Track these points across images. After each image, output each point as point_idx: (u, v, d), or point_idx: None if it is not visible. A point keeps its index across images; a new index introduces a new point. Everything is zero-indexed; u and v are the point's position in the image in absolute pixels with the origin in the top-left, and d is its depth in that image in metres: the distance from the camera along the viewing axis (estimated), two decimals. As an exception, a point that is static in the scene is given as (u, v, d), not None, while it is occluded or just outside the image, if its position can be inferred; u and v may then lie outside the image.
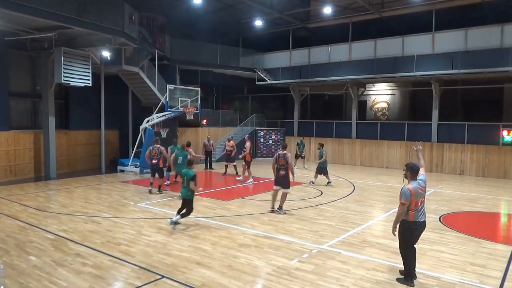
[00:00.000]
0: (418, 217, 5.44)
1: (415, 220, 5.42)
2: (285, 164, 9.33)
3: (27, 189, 12.60)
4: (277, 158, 9.48)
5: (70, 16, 12.02)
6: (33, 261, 6.14)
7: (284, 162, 9.34)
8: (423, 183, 5.52)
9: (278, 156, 9.46)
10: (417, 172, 5.44)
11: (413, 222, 5.42)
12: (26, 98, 15.73)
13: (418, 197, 5.37)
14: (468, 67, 16.77)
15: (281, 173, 9.35)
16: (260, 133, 23.55)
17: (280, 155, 9.45)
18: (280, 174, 9.37)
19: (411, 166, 5.50)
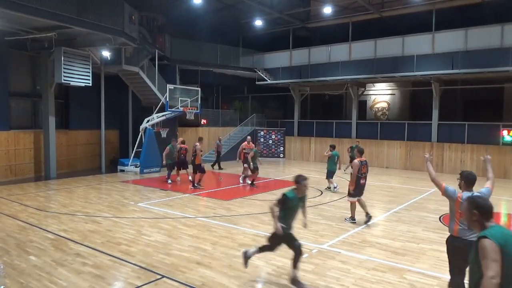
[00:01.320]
0: (464, 234, 4.32)
1: (459, 236, 4.38)
2: (366, 173, 8.66)
3: (27, 189, 12.60)
4: (360, 165, 8.45)
5: (70, 16, 12.02)
6: (33, 261, 6.14)
7: (365, 170, 8.63)
8: None
9: (362, 164, 8.48)
10: (473, 182, 4.44)
11: (456, 238, 4.42)
12: (26, 98, 15.73)
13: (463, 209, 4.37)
14: (468, 67, 16.77)
15: (362, 182, 8.57)
16: (260, 133, 23.56)
17: (363, 163, 8.53)
18: (361, 183, 8.56)
19: (466, 175, 4.51)
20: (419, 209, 10.28)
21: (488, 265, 2.54)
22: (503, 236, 2.67)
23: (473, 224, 2.90)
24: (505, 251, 2.59)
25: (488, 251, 2.57)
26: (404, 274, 5.78)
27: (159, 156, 16.84)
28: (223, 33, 23.52)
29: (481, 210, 2.85)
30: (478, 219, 2.85)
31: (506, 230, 2.82)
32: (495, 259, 2.55)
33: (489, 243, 2.59)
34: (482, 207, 2.86)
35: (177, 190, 12.65)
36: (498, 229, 2.76)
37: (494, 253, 2.56)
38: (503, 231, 2.74)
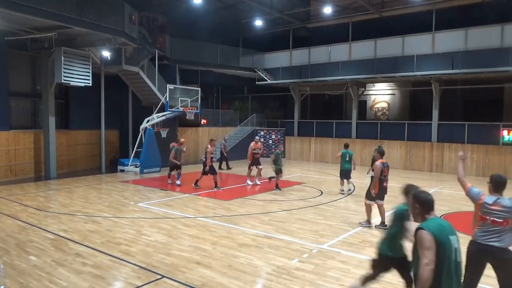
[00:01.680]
0: (483, 238, 4.09)
1: (474, 240, 4.17)
2: (388, 175, 8.31)
3: (27, 189, 12.60)
4: (383, 168, 8.12)
5: (70, 16, 12.03)
6: (33, 261, 6.14)
7: (387, 173, 8.26)
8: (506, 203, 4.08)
9: (383, 166, 8.15)
10: (502, 185, 4.13)
11: (471, 242, 4.23)
12: (26, 98, 15.73)
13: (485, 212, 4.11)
14: (468, 67, 16.77)
15: (385, 185, 8.25)
16: (260, 133, 23.56)
17: (385, 165, 8.19)
18: (384, 186, 8.23)
19: (495, 178, 4.21)
20: (419, 209, 10.25)
21: (423, 253, 2.80)
22: (438, 227, 2.92)
23: (416, 217, 3.11)
24: (438, 241, 2.84)
25: (423, 240, 2.82)
26: (404, 274, 5.77)
27: (159, 156, 16.86)
28: (223, 33, 23.52)
29: (422, 204, 3.07)
30: (419, 212, 3.07)
31: (442, 221, 3.07)
32: (429, 248, 2.80)
33: (424, 233, 2.85)
34: (423, 201, 3.08)
35: (177, 190, 12.65)
36: (436, 220, 3.02)
37: (429, 242, 2.81)
38: (439, 223, 3.00)
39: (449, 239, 2.91)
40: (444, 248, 2.85)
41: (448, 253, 2.87)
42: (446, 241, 2.88)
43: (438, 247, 2.83)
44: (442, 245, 2.85)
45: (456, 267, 2.91)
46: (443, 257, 2.84)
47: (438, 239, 2.84)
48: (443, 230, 2.91)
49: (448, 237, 2.92)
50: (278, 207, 10.31)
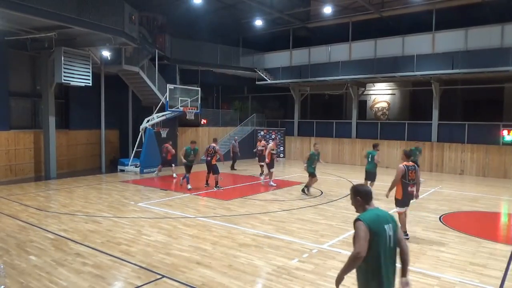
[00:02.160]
0: None
1: None
2: (415, 179, 7.49)
3: (27, 188, 12.60)
4: (406, 171, 7.38)
5: (70, 15, 12.03)
6: (34, 261, 6.14)
7: (414, 176, 7.48)
8: None
9: (407, 169, 7.40)
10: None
11: None
12: (26, 97, 15.73)
13: None
14: (468, 66, 16.77)
15: (410, 189, 7.43)
16: (260, 133, 23.55)
17: (410, 168, 7.44)
18: (409, 191, 7.44)
19: None
20: (419, 209, 10.27)
21: (357, 242, 3.01)
22: (375, 217, 3.14)
23: (358, 208, 3.32)
24: (374, 230, 3.04)
25: (358, 230, 3.04)
26: (404, 274, 5.77)
27: (159, 156, 16.86)
28: (223, 33, 23.52)
29: (362, 196, 3.29)
30: (361, 203, 3.29)
31: (379, 211, 3.25)
32: (363, 237, 3.00)
33: (359, 224, 3.06)
34: (363, 193, 3.30)
35: (177, 190, 12.65)
36: (373, 211, 3.23)
37: (363, 232, 3.01)
38: (376, 213, 3.21)
39: (384, 228, 3.12)
40: (380, 237, 3.06)
41: (384, 240, 3.08)
42: (382, 230, 3.09)
43: (374, 236, 3.03)
44: (378, 234, 3.06)
45: (391, 252, 3.15)
46: (379, 244, 3.05)
47: (373, 229, 3.04)
48: (378, 220, 3.13)
49: (383, 226, 3.12)
50: (278, 207, 10.31)
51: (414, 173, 7.45)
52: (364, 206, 3.28)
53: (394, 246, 3.18)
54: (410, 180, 7.41)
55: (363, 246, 2.99)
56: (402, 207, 7.53)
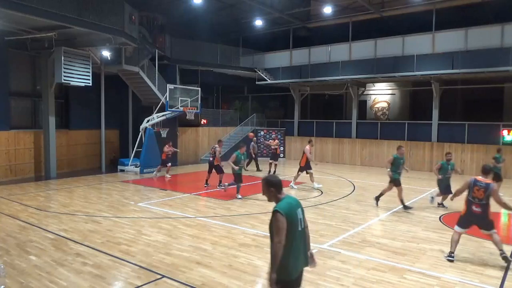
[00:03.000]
0: None
1: None
2: (484, 200, 6.18)
3: (27, 188, 12.60)
4: (471, 185, 6.31)
5: (70, 15, 12.03)
6: (34, 261, 6.14)
7: (481, 195, 6.19)
8: None
9: (474, 184, 6.28)
10: None
11: None
12: (26, 97, 15.73)
13: None
14: (468, 66, 16.76)
15: (475, 209, 6.28)
16: (260, 133, 23.55)
17: (479, 184, 6.24)
18: (473, 211, 6.30)
19: None
20: (419, 209, 10.28)
21: (276, 233, 3.36)
22: (288, 206, 3.48)
23: (272, 198, 3.60)
24: (289, 218, 3.41)
25: (278, 222, 3.36)
26: (404, 274, 5.78)
27: (159, 156, 16.85)
28: (223, 33, 23.53)
29: (274, 186, 3.57)
30: (274, 194, 3.57)
31: (290, 199, 3.59)
32: (282, 228, 3.35)
33: (279, 216, 3.37)
34: (275, 183, 3.58)
35: (178, 190, 12.65)
36: (285, 199, 3.55)
37: (281, 223, 3.35)
38: (288, 201, 3.54)
39: (296, 213, 3.53)
40: (293, 221, 3.46)
41: (295, 225, 3.50)
42: (294, 215, 3.50)
43: (289, 223, 3.41)
44: (292, 220, 3.45)
45: (302, 233, 3.60)
46: (293, 229, 3.46)
47: (289, 217, 3.40)
48: (291, 208, 3.50)
49: (296, 211, 3.54)
50: (278, 207, 10.30)
51: (481, 191, 6.21)
52: (276, 195, 3.57)
53: (304, 227, 3.64)
54: (474, 198, 6.28)
55: (283, 235, 3.35)
56: (460, 227, 6.51)
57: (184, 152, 20.93)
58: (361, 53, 20.15)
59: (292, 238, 3.45)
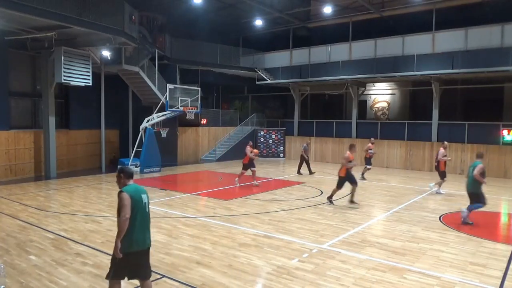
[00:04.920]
0: None
1: None
2: None
3: (27, 188, 12.60)
4: None
5: (71, 15, 12.03)
6: (34, 261, 6.14)
7: None
8: None
9: None
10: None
11: None
12: (26, 97, 15.74)
13: None
14: (468, 66, 16.76)
15: None
16: (260, 132, 23.55)
17: None
18: None
19: None
20: (419, 209, 10.28)
21: (123, 209, 4.08)
22: (134, 190, 4.29)
23: (121, 184, 4.33)
24: (134, 199, 4.19)
25: (123, 200, 4.12)
26: (404, 274, 5.78)
27: (159, 156, 16.87)
28: (223, 33, 23.52)
29: (124, 174, 4.36)
30: (123, 180, 4.33)
31: (137, 186, 4.41)
32: (127, 204, 4.10)
33: (123, 194, 4.14)
34: (125, 171, 4.39)
35: (177, 190, 12.65)
36: (133, 186, 4.36)
37: (126, 200, 4.11)
38: (135, 187, 4.36)
39: (141, 197, 4.29)
40: (138, 204, 4.21)
41: (141, 206, 4.25)
42: (139, 198, 4.26)
43: (134, 202, 4.16)
44: (137, 201, 4.21)
45: (146, 215, 4.35)
46: (137, 209, 4.20)
47: (134, 198, 4.17)
48: (137, 191, 4.28)
49: (141, 195, 4.30)
50: (278, 206, 10.31)
51: None
52: (125, 182, 4.31)
53: (149, 211, 4.44)
54: None
55: (128, 211, 4.06)
56: None
57: (184, 152, 20.95)
58: (361, 53, 20.15)
59: (136, 216, 4.17)
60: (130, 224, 4.12)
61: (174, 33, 20.60)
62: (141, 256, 4.33)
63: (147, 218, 4.39)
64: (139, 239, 4.24)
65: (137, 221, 4.19)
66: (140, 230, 4.23)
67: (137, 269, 4.32)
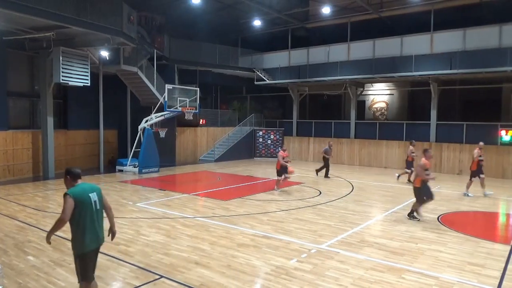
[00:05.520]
0: None
1: None
2: None
3: (25, 189, 12.57)
4: None
5: (69, 16, 12.00)
6: (32, 261, 6.13)
7: None
8: None
9: None
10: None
11: None
12: (24, 97, 15.70)
13: None
14: (466, 67, 16.80)
15: None
16: (258, 133, 23.56)
17: None
18: None
19: None
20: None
21: (63, 211, 4.14)
22: (81, 190, 4.30)
23: (68, 185, 4.36)
24: (80, 200, 4.20)
25: (65, 203, 4.15)
26: (403, 274, 5.79)
27: (157, 156, 16.84)
28: (222, 33, 23.52)
29: (71, 175, 4.39)
30: (70, 181, 4.37)
31: (84, 185, 4.40)
32: (68, 207, 4.13)
33: (67, 197, 4.17)
34: (71, 173, 4.41)
35: (176, 190, 12.64)
36: (79, 186, 4.36)
37: (68, 203, 4.14)
38: (82, 187, 4.36)
39: (89, 196, 4.31)
40: (85, 203, 4.24)
41: (89, 206, 4.28)
42: (87, 198, 4.28)
43: (80, 204, 4.18)
44: (84, 202, 4.22)
45: (98, 213, 4.39)
46: (85, 210, 4.22)
47: (79, 199, 4.18)
48: (83, 192, 4.29)
49: (88, 195, 4.31)
50: (276, 207, 10.32)
51: None
52: (72, 183, 4.34)
53: (101, 208, 4.44)
54: None
55: (67, 214, 4.12)
56: None
57: (182, 152, 20.93)
58: (359, 53, 20.17)
59: (85, 216, 4.23)
60: (81, 226, 4.21)
61: (173, 33, 20.59)
62: (95, 255, 4.48)
63: (98, 216, 4.42)
64: (92, 239, 4.32)
65: (87, 222, 4.25)
66: (91, 230, 4.29)
67: (93, 268, 4.46)
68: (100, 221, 4.45)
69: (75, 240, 4.26)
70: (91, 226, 4.29)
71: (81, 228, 4.21)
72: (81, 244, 4.24)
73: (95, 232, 4.34)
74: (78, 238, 4.24)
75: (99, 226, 4.43)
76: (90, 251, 4.33)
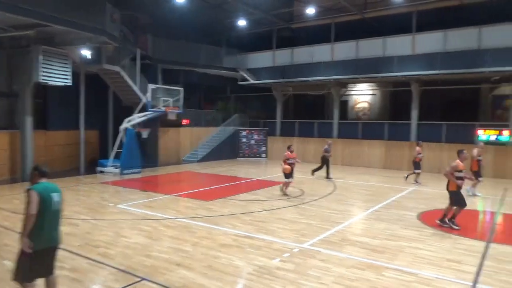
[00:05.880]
0: None
1: None
2: None
3: (2, 191, 12.23)
4: None
5: (49, 13, 11.73)
6: (8, 266, 5.96)
7: None
8: None
9: None
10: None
11: None
12: (2, 97, 15.23)
13: None
14: (447, 68, 17.17)
15: None
16: (242, 133, 23.53)
17: None
18: None
19: None
20: (397, 208, 10.46)
21: (30, 205, 4.25)
22: (44, 188, 4.43)
23: (34, 181, 4.46)
24: (43, 197, 4.33)
25: (31, 197, 4.28)
26: (383, 271, 5.87)
27: (139, 156, 16.61)
28: (207, 33, 23.39)
29: (38, 171, 4.51)
30: (37, 177, 4.47)
31: (48, 184, 4.53)
32: (34, 201, 4.27)
33: (32, 192, 4.30)
34: (39, 169, 4.54)
35: (158, 191, 12.51)
36: (43, 184, 4.48)
37: (33, 197, 4.27)
38: (45, 185, 4.49)
39: (50, 195, 4.43)
40: (46, 202, 4.36)
41: (49, 205, 4.39)
42: (48, 197, 4.40)
43: (43, 201, 4.31)
44: (46, 200, 4.35)
45: (56, 213, 4.53)
46: (46, 208, 4.35)
47: (42, 196, 4.31)
48: (46, 190, 4.42)
49: (50, 194, 4.43)
50: (259, 207, 10.33)
51: None
52: (37, 180, 4.44)
53: (59, 210, 4.60)
54: None
55: (34, 208, 4.22)
56: None
57: (165, 153, 20.71)
58: (343, 54, 20.37)
59: (45, 213, 4.34)
60: (38, 222, 4.29)
61: (157, 33, 20.37)
62: (48, 254, 4.53)
63: (57, 217, 4.55)
64: (47, 237, 4.43)
65: (45, 219, 4.36)
66: (48, 228, 4.41)
67: (44, 268, 4.54)
68: (57, 222, 4.58)
69: (33, 235, 4.30)
70: (48, 225, 4.42)
71: (38, 224, 4.29)
72: (35, 241, 4.30)
73: (51, 231, 4.47)
74: (32, 235, 4.29)
75: (56, 227, 4.57)
76: (42, 249, 4.38)
